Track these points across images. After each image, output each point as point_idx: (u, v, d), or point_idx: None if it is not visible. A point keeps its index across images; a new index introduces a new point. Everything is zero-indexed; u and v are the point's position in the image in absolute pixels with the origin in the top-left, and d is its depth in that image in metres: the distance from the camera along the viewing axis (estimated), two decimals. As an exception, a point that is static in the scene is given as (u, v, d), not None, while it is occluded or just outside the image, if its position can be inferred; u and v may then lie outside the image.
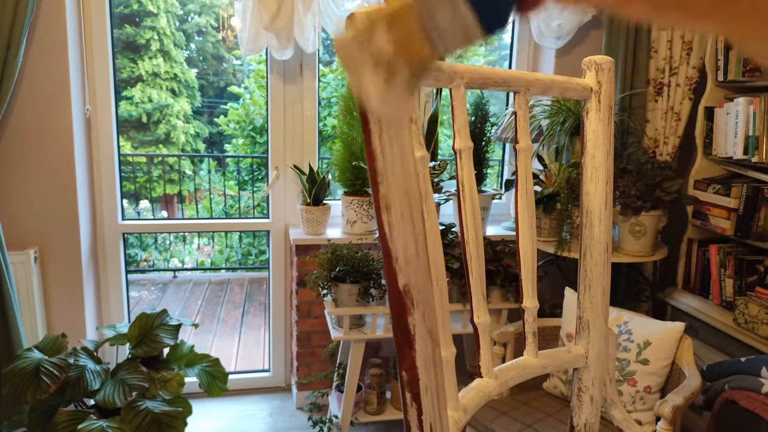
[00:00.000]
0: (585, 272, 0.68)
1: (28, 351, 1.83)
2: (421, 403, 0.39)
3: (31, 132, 2.07)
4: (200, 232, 5.13)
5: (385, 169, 0.36)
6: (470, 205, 0.58)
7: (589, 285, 0.68)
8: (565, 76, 0.68)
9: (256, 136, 5.49)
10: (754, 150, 2.08)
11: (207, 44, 7.72)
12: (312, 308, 2.45)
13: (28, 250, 2.10)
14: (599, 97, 0.63)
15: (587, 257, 0.67)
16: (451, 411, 0.54)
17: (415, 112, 0.49)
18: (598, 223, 0.66)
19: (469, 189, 0.58)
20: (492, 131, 2.48)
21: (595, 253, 0.66)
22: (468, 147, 0.58)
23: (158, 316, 2.04)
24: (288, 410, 2.50)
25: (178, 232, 5.06)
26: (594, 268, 0.66)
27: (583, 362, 0.70)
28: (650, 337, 1.67)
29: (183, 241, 5.45)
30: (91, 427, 1.70)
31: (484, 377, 0.61)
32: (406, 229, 0.36)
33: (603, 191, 0.65)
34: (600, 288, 0.67)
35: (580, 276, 0.69)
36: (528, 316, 0.67)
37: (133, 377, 1.88)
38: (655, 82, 2.41)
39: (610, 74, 0.63)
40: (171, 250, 5.39)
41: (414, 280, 0.38)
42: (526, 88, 0.61)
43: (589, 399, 0.69)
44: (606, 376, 0.70)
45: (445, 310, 0.53)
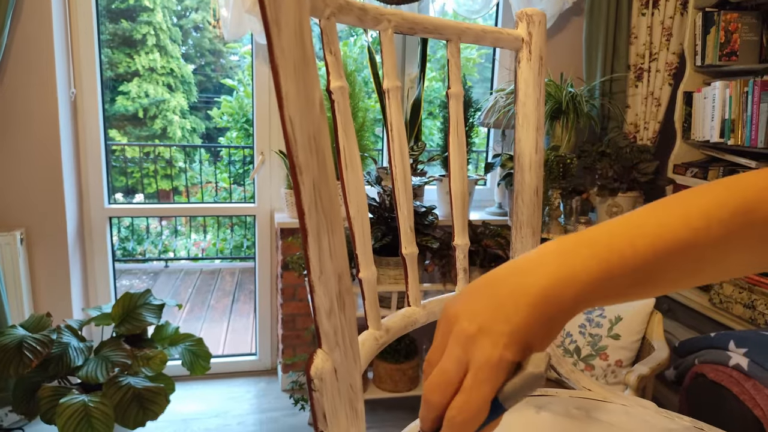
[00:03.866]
0: (517, 215, 0.71)
1: (11, 328, 1.86)
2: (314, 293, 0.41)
3: (16, 114, 2.09)
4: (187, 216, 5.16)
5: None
6: (398, 143, 0.61)
7: (520, 226, 0.70)
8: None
9: (249, 128, 5.52)
10: (730, 133, 2.11)
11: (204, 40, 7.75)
12: (296, 291, 2.48)
13: (14, 232, 2.13)
14: (530, 47, 0.66)
15: (519, 201, 0.70)
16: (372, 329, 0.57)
17: (335, 44, 0.52)
18: (528, 168, 0.69)
19: (397, 128, 0.61)
20: (475, 117, 2.51)
21: (526, 196, 0.69)
22: (396, 86, 0.61)
23: (141, 295, 2.07)
24: (273, 392, 2.53)
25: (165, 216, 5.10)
26: (525, 210, 0.69)
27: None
28: (622, 313, 1.70)
29: (175, 235, 5.48)
30: (72, 401, 1.73)
31: (412, 306, 0.64)
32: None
33: (534, 138, 0.68)
34: (530, 229, 0.69)
35: (513, 218, 0.72)
36: (459, 253, 0.70)
37: (116, 354, 1.91)
38: (635, 67, 2.44)
39: (541, 27, 0.66)
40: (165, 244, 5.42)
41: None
42: (458, 36, 0.63)
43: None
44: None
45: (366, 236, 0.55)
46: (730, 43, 2.15)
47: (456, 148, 0.67)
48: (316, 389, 0.42)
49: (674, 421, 0.63)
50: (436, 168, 2.58)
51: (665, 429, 0.62)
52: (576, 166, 2.12)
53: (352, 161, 0.54)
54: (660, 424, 0.63)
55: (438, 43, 3.84)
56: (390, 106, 0.60)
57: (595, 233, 0.39)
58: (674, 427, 0.62)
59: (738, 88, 2.07)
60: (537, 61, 0.66)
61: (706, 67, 2.26)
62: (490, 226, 2.21)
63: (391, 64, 0.59)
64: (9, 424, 2.16)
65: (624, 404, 0.67)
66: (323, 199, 0.41)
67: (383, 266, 1.95)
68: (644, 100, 2.43)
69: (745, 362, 1.58)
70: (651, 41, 2.39)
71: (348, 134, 0.53)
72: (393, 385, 2.13)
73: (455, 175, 0.67)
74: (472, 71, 4.21)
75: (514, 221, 0.70)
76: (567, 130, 2.21)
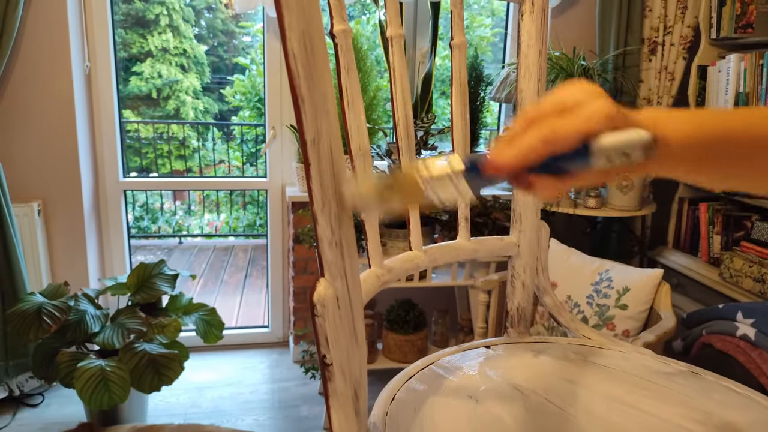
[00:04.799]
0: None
1: (30, 295, 1.91)
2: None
3: (32, 88, 2.13)
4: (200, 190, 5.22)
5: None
6: (400, 88, 0.62)
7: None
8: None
9: (261, 108, 5.54)
10: (744, 106, 2.08)
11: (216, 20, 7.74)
12: (308, 264, 2.51)
13: (32, 203, 2.18)
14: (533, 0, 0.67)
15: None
16: (375, 267, 0.59)
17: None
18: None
19: (400, 75, 0.62)
20: (487, 92, 2.50)
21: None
22: (399, 35, 0.62)
23: (156, 265, 2.11)
24: (285, 363, 2.58)
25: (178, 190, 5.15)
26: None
27: (515, 250, 0.74)
28: (630, 284, 1.71)
29: (189, 214, 5.54)
30: (90, 366, 1.78)
31: (414, 251, 0.66)
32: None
33: (535, 88, 0.69)
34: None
35: (515, 171, 0.73)
36: (460, 203, 0.72)
37: (131, 321, 1.96)
38: (649, 41, 2.41)
39: (545, -21, 0.67)
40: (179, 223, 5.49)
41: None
42: (460, -13, 0.65)
43: (521, 285, 0.74)
44: (538, 264, 0.74)
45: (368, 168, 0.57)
46: (746, 15, 2.12)
47: (458, 96, 0.68)
48: (319, 314, 0.44)
49: (670, 366, 0.65)
50: (447, 144, 2.58)
51: (660, 372, 0.63)
52: (587, 140, 2.11)
53: (354, 101, 0.55)
54: (655, 367, 0.65)
55: (450, 22, 3.80)
56: (393, 54, 0.62)
57: None
58: (669, 371, 0.64)
59: (753, 60, 2.05)
60: (539, 14, 0.66)
61: (721, 40, 2.23)
62: (499, 200, 2.21)
63: (395, 11, 0.60)
64: (29, 390, 2.23)
65: (621, 351, 0.69)
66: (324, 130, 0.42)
67: (392, 238, 1.96)
68: (658, 75, 2.41)
69: (753, 332, 1.59)
70: (665, 14, 2.36)
71: (350, 75, 0.55)
72: (402, 355, 2.16)
73: (457, 122, 0.68)
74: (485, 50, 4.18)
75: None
76: (578, 103, 2.19)
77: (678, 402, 0.58)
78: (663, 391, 0.60)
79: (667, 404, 0.58)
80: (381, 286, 0.59)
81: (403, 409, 0.56)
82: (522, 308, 0.73)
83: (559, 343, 0.70)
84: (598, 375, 0.63)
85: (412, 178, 0.43)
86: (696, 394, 0.60)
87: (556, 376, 0.62)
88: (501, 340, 0.71)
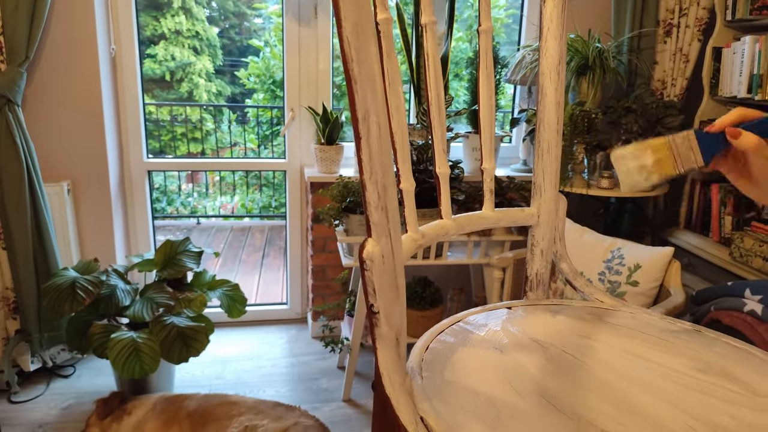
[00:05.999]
0: (539, 143, 0.77)
1: (63, 270, 2.00)
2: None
3: (61, 71, 2.20)
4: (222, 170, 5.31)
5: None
6: (433, 72, 0.68)
7: (541, 154, 0.77)
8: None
9: (276, 90, 5.58)
10: (758, 88, 2.11)
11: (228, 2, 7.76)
12: (326, 243, 2.58)
13: (62, 183, 2.26)
14: (556, -15, 0.72)
15: (542, 130, 0.77)
16: (411, 233, 0.66)
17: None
18: (553, 100, 0.75)
19: (433, 59, 0.68)
20: (502, 74, 2.54)
21: (548, 126, 0.76)
22: (432, 21, 0.68)
23: (181, 243, 2.20)
24: (304, 339, 2.67)
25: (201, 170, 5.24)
26: (549, 139, 0.76)
27: (535, 220, 0.80)
28: (641, 261, 1.76)
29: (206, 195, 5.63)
30: (122, 337, 1.87)
31: (444, 219, 0.72)
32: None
33: (556, 70, 0.74)
34: (552, 155, 0.76)
35: (536, 146, 0.78)
36: (486, 176, 0.78)
37: (160, 296, 2.05)
38: (664, 23, 2.43)
39: (567, -34, 0.71)
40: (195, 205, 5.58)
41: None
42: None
43: (540, 252, 0.80)
44: (555, 233, 0.80)
45: (405, 151, 0.63)
46: None
47: (485, 79, 0.74)
48: (368, 269, 0.51)
49: (675, 324, 0.71)
50: (462, 125, 2.63)
51: (665, 329, 0.69)
52: (601, 121, 2.15)
53: (394, 81, 0.61)
54: (661, 325, 0.71)
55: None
56: (427, 40, 0.67)
57: None
58: (675, 329, 0.70)
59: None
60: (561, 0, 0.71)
61: (736, 22, 2.25)
62: (515, 181, 2.26)
63: (428, 1, 0.66)
64: (61, 362, 2.34)
65: (631, 312, 0.75)
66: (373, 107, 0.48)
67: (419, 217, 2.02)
68: (672, 56, 2.43)
69: (760, 308, 1.64)
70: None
71: (390, 58, 0.60)
72: (418, 331, 2.24)
73: (484, 103, 0.74)
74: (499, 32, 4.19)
75: (537, 149, 0.77)
76: (593, 85, 2.23)
77: (682, 354, 0.64)
78: (668, 345, 0.66)
79: (672, 355, 0.64)
80: (416, 249, 0.66)
81: (437, 357, 0.62)
82: (540, 273, 0.80)
83: (574, 306, 0.77)
84: (609, 332, 0.70)
85: (662, 141, 0.66)
86: (699, 348, 0.66)
87: (572, 332, 0.69)
88: (521, 302, 0.77)
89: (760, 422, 0.52)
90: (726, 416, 0.53)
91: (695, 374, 0.60)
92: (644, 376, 0.60)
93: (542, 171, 0.77)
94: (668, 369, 0.61)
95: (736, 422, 0.53)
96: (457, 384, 0.56)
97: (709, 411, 0.54)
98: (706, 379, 0.60)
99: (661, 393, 0.57)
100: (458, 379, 0.57)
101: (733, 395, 0.57)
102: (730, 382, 0.59)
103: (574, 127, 2.13)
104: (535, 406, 0.53)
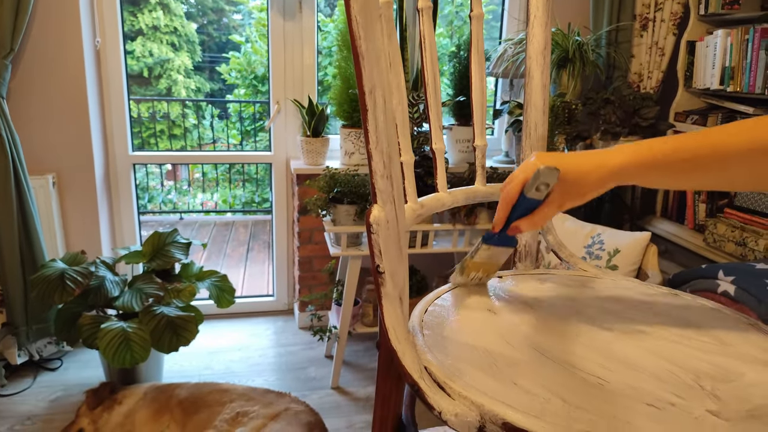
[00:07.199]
0: (527, 123, 0.82)
1: (51, 261, 2.00)
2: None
3: (46, 63, 2.19)
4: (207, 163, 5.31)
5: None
6: (429, 54, 0.72)
7: (529, 133, 0.82)
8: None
9: (258, 85, 5.58)
10: (730, 80, 2.20)
11: (206, -1, 7.70)
12: (313, 235, 2.61)
13: (47, 176, 2.26)
14: (542, -26, 0.76)
15: (529, 110, 0.82)
16: (411, 203, 0.70)
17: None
18: (539, 83, 0.80)
19: (429, 42, 0.72)
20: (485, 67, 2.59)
21: (535, 107, 0.81)
22: (428, 6, 0.72)
23: (169, 234, 2.21)
24: (291, 329, 2.69)
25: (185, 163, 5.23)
26: (536, 119, 0.81)
27: (524, 195, 0.85)
28: (619, 246, 1.83)
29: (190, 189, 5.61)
30: (112, 327, 1.88)
31: (440, 192, 0.76)
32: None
33: (542, 54, 0.79)
34: (539, 134, 0.81)
35: (524, 126, 0.83)
36: (478, 153, 0.82)
37: (149, 286, 2.06)
38: (641, 17, 2.50)
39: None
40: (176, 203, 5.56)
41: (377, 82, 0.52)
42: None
43: (529, 224, 0.85)
44: (543, 207, 0.85)
45: (406, 126, 0.67)
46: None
47: (477, 63, 0.78)
48: (374, 232, 0.55)
49: (653, 289, 0.76)
50: (446, 118, 2.68)
51: (645, 293, 0.75)
52: (581, 112, 2.22)
53: (395, 62, 0.65)
54: (641, 289, 0.76)
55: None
56: (423, 24, 0.71)
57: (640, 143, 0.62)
58: (652, 293, 0.75)
59: (739, 35, 2.15)
60: (548, -13, 0.76)
61: (709, 16, 2.34)
62: (498, 171, 2.32)
63: (424, -15, 0.70)
64: (48, 355, 2.33)
65: (613, 279, 0.80)
66: (378, 82, 0.52)
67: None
68: (648, 50, 2.51)
69: (732, 289, 1.72)
70: (656, -9, 2.45)
71: (391, 41, 0.64)
72: (405, 318, 2.28)
73: (476, 85, 0.78)
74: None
75: (525, 128, 0.82)
76: (573, 77, 2.30)
77: (660, 312, 0.70)
78: (648, 306, 0.71)
79: (651, 314, 0.69)
80: (416, 219, 0.70)
81: (435, 318, 0.67)
82: (528, 245, 0.85)
83: (560, 274, 0.82)
84: (593, 296, 0.75)
85: (472, 263, 0.73)
86: (675, 308, 0.71)
87: (559, 296, 0.74)
88: (510, 272, 0.82)
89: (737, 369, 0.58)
90: (705, 363, 0.58)
91: (673, 329, 0.66)
92: (627, 332, 0.65)
93: (530, 148, 0.82)
94: (648, 325, 0.66)
95: (715, 368, 0.58)
96: (456, 340, 0.61)
97: (688, 359, 0.59)
98: (683, 333, 0.65)
99: (643, 345, 0.62)
100: (456, 336, 0.61)
101: (709, 346, 0.62)
102: (704, 336, 0.64)
103: (555, 118, 2.20)
104: (528, 356, 0.58)
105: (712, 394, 0.53)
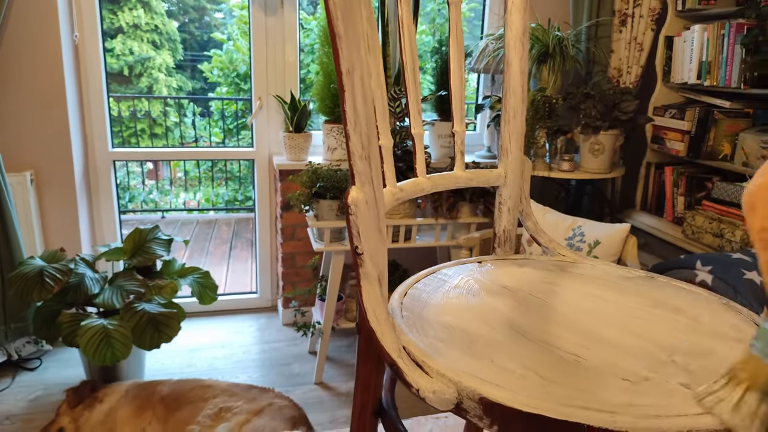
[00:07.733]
0: (506, 109, 0.83)
1: (30, 259, 1.97)
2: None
3: (23, 58, 2.16)
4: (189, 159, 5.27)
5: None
6: (408, 38, 0.73)
7: (508, 119, 0.83)
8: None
9: (240, 83, 5.54)
10: (706, 74, 2.23)
11: (188, -3, 7.64)
12: (295, 231, 2.60)
13: (25, 173, 2.22)
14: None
15: (508, 97, 0.83)
16: (390, 187, 0.70)
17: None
18: (518, 69, 0.81)
19: (407, 26, 0.72)
20: (466, 63, 2.61)
21: (514, 93, 0.82)
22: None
23: (151, 231, 2.19)
24: (274, 326, 2.68)
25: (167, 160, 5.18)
26: (515, 105, 0.82)
27: (502, 181, 0.86)
28: (600, 237, 1.85)
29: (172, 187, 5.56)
30: (92, 324, 1.86)
31: (419, 177, 0.77)
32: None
33: (520, 41, 0.80)
34: (518, 120, 0.82)
35: (503, 112, 0.84)
36: (457, 139, 0.83)
37: (130, 283, 2.04)
38: (620, 13, 2.53)
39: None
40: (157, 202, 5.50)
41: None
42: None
43: (507, 210, 0.86)
44: (521, 194, 0.86)
45: (385, 110, 0.68)
46: (708, -12, 2.25)
47: (455, 50, 0.79)
48: (353, 213, 0.55)
49: (630, 272, 0.77)
50: (428, 114, 2.69)
51: (622, 276, 0.76)
52: (561, 107, 2.24)
53: (374, 46, 0.65)
54: (618, 273, 0.77)
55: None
56: (402, 9, 0.71)
57: None
58: (629, 276, 0.76)
59: (715, 30, 2.19)
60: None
61: (686, 12, 2.37)
62: (479, 166, 2.33)
63: (402, -29, 0.70)
64: (26, 355, 2.30)
65: (591, 263, 0.81)
66: (357, 63, 0.52)
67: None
68: (627, 45, 2.54)
69: (710, 278, 1.75)
70: (635, -13, 2.48)
71: (371, 25, 0.64)
72: (389, 313, 2.29)
73: (455, 72, 0.79)
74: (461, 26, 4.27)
75: (504, 114, 0.82)
76: (553, 73, 2.32)
77: (637, 294, 0.71)
78: (625, 287, 0.72)
79: (628, 295, 0.70)
80: (395, 202, 0.70)
81: (414, 301, 0.67)
82: (508, 230, 0.86)
83: (540, 259, 0.83)
84: (572, 279, 0.76)
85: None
86: (651, 289, 0.72)
87: (538, 280, 0.74)
88: (490, 258, 0.83)
89: (712, 346, 0.59)
90: (680, 341, 0.60)
91: (649, 309, 0.67)
92: (604, 312, 0.66)
93: (509, 134, 0.83)
94: (625, 306, 0.67)
95: (689, 345, 0.59)
96: (435, 321, 0.61)
97: (664, 337, 0.60)
98: (659, 312, 0.66)
99: (620, 324, 0.63)
100: (435, 317, 0.62)
101: (683, 325, 0.63)
102: (679, 315, 0.65)
103: (536, 112, 2.21)
104: (506, 336, 0.58)
105: (684, 369, 0.54)
